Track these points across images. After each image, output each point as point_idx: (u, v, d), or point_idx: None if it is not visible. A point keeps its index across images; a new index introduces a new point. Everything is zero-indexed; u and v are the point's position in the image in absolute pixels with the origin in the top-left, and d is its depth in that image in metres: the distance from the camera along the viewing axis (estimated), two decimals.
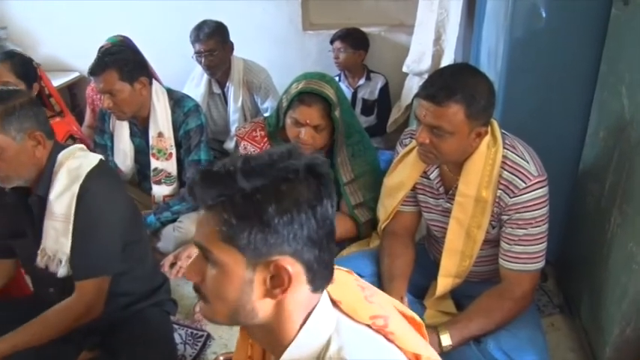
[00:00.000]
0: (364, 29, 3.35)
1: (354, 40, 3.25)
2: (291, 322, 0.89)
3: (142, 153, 2.49)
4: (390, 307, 1.02)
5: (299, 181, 0.83)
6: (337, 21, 3.46)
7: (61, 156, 1.72)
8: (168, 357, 1.86)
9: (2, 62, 2.41)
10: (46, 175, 1.70)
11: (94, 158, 1.76)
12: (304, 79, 2.12)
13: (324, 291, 0.92)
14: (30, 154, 1.66)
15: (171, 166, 2.46)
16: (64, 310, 1.70)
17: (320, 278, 0.88)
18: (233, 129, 3.01)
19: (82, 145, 1.82)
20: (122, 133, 2.49)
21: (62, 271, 1.70)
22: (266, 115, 2.95)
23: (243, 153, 2.25)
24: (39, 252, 1.72)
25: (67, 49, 3.87)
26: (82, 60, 3.79)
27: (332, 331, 0.90)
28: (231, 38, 2.99)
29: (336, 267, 0.93)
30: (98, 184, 1.70)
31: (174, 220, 2.45)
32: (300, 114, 2.07)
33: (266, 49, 3.42)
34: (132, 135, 2.50)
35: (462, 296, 1.85)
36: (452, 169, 1.74)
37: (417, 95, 2.93)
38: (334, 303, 0.94)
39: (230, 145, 3.02)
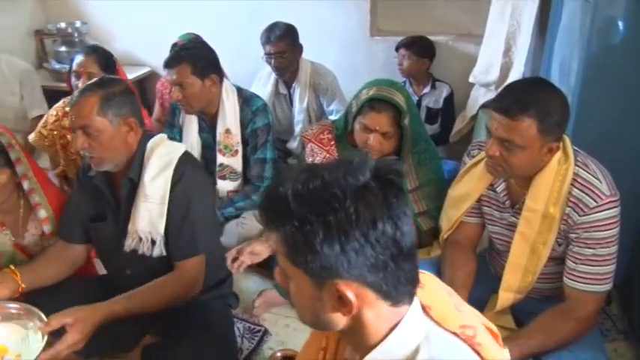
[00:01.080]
0: (431, 37, 3.33)
1: (418, 48, 3.24)
2: (374, 332, 0.90)
3: (208, 148, 2.57)
4: (475, 317, 1.02)
5: (348, 208, 0.82)
6: (405, 28, 3.46)
7: (150, 143, 1.83)
8: (229, 349, 1.91)
9: (89, 55, 2.56)
10: (137, 160, 1.80)
11: (181, 147, 1.89)
12: (375, 85, 2.14)
13: (415, 297, 0.92)
14: (123, 139, 1.77)
15: (236, 163, 2.53)
16: (168, 286, 1.79)
17: (399, 294, 0.88)
18: (297, 129, 3.07)
19: (165, 135, 1.92)
20: (191, 127, 2.58)
21: (157, 251, 1.81)
22: (330, 117, 3.00)
23: (309, 155, 2.29)
24: (128, 234, 1.81)
25: (139, 45, 4.02)
26: (153, 56, 3.97)
27: (421, 338, 0.90)
28: (301, 41, 3.04)
29: (420, 271, 0.93)
30: (190, 169, 1.81)
31: (237, 216, 2.52)
32: (369, 120, 2.09)
33: (333, 52, 3.45)
34: (200, 130, 2.59)
35: (522, 312, 1.83)
36: (520, 183, 1.72)
37: (485, 106, 2.97)
38: (424, 308, 0.94)
39: (293, 145, 3.08)
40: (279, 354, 1.87)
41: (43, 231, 2.07)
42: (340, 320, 0.88)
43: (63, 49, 3.84)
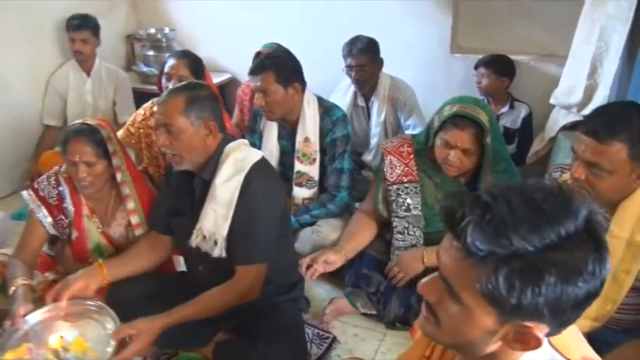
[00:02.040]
0: (512, 57, 3.29)
1: (498, 66, 3.20)
2: (512, 357, 0.87)
3: (287, 155, 2.63)
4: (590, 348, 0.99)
5: (574, 247, 0.76)
6: (486, 46, 3.42)
7: (228, 147, 1.90)
8: (299, 351, 1.95)
9: (180, 59, 2.68)
10: (212, 162, 1.88)
11: (258, 153, 1.93)
12: (459, 102, 2.13)
13: None
14: (201, 141, 1.85)
15: (313, 171, 2.58)
16: (226, 292, 1.85)
17: (556, 332, 0.85)
18: (373, 142, 3.09)
19: (245, 141, 1.98)
20: (271, 134, 2.65)
21: (217, 252, 1.87)
22: (407, 132, 3.01)
23: (388, 167, 2.31)
24: (194, 231, 1.89)
25: (222, 52, 4.16)
26: (235, 63, 4.11)
27: None
28: (381, 55, 3.07)
29: None
30: (261, 177, 1.85)
31: (312, 224, 2.56)
32: (451, 136, 2.09)
33: (413, 68, 3.45)
34: (279, 137, 2.65)
35: (600, 342, 1.76)
36: (603, 208, 1.67)
37: (566, 128, 2.90)
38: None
39: (368, 157, 3.10)
40: None
41: (130, 221, 2.18)
42: (494, 348, 0.85)
43: (151, 53, 4.03)
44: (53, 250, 2.43)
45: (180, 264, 2.35)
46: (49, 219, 2.16)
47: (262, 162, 1.92)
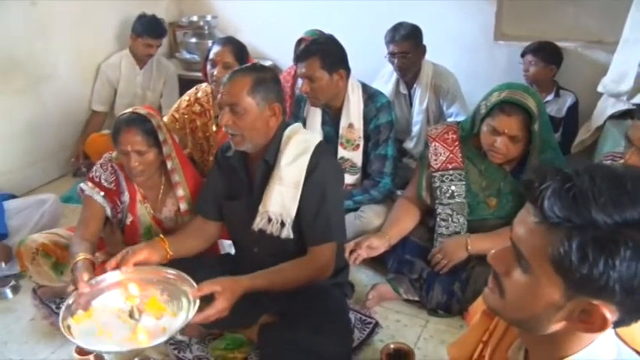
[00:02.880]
0: (559, 44, 3.22)
1: (546, 54, 3.15)
2: (576, 344, 0.85)
3: (330, 141, 2.63)
4: None
5: None
6: (531, 33, 3.37)
7: (288, 130, 1.93)
8: (344, 336, 1.95)
9: (225, 45, 2.70)
10: (274, 145, 1.91)
11: (317, 136, 1.97)
12: (507, 88, 2.11)
13: None
14: (265, 122, 1.88)
15: (357, 157, 2.59)
16: (302, 268, 1.89)
17: (627, 321, 0.81)
18: (415, 130, 3.08)
19: (300, 124, 2.03)
20: (314, 120, 2.66)
21: (285, 233, 1.90)
22: (449, 120, 2.99)
23: (433, 154, 2.30)
24: (258, 214, 1.91)
25: (263, 39, 4.18)
26: (276, 50, 4.12)
27: (613, 357, 0.85)
28: (424, 42, 3.04)
29: None
30: (325, 158, 1.89)
31: (355, 209, 2.57)
32: (498, 122, 2.07)
33: (455, 55, 3.42)
34: (323, 123, 2.66)
35: None
36: None
37: (614, 117, 2.83)
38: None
39: (410, 145, 3.09)
40: (392, 346, 1.90)
41: (179, 208, 2.23)
42: (557, 327, 0.82)
43: (193, 40, 4.08)
44: (103, 232, 2.50)
45: (225, 247, 2.40)
46: (107, 203, 2.22)
47: (323, 144, 1.96)
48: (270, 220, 1.91)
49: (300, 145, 1.89)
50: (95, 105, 3.78)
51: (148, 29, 3.60)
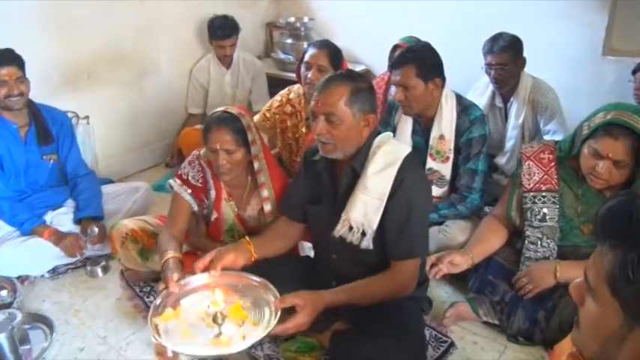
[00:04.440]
0: None
1: None
2: None
3: (419, 151, 2.58)
4: None
5: None
6: None
7: (377, 139, 1.89)
8: (418, 351, 1.91)
9: (321, 49, 2.72)
10: (363, 153, 1.88)
11: (407, 147, 1.93)
12: (615, 109, 1.97)
13: None
14: (358, 133, 1.86)
15: (445, 169, 2.52)
16: (385, 284, 1.87)
17: None
18: (508, 145, 2.96)
19: (391, 134, 1.98)
20: (405, 128, 2.62)
21: (365, 243, 1.87)
22: (545, 137, 2.85)
23: (526, 173, 2.20)
24: (340, 221, 1.89)
25: (358, 43, 4.17)
26: (370, 55, 4.11)
27: None
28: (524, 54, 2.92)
29: None
30: (413, 171, 1.85)
31: (439, 223, 2.50)
32: (602, 145, 1.94)
33: (557, 69, 3.25)
34: (413, 132, 2.61)
35: None
36: None
37: None
38: None
39: (501, 160, 2.97)
40: None
41: (263, 208, 2.25)
42: (630, 357, 0.81)
43: (289, 41, 4.14)
44: (188, 223, 2.58)
45: (305, 249, 2.41)
46: (194, 200, 2.28)
47: (412, 156, 1.91)
48: (351, 228, 1.88)
49: (388, 155, 1.85)
50: (191, 108, 3.98)
51: (215, 32, 3.71)
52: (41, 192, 2.90)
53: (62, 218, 2.86)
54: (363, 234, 1.87)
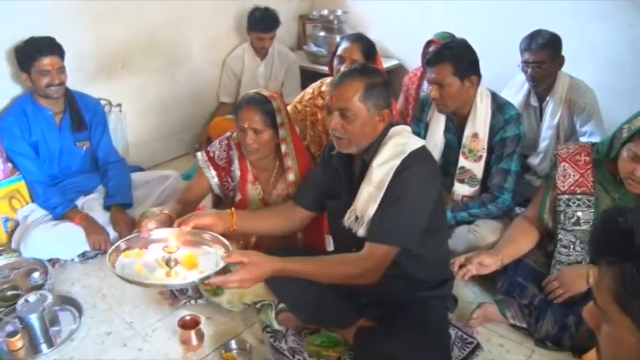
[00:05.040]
0: None
1: None
2: None
3: (451, 149, 2.55)
4: None
5: None
6: None
7: (391, 131, 1.87)
8: (442, 350, 1.89)
9: (355, 42, 2.70)
10: (374, 145, 1.86)
11: (419, 141, 1.88)
12: None
13: None
14: (372, 128, 1.84)
15: (477, 168, 2.48)
16: (346, 262, 1.83)
17: None
18: (542, 146, 2.89)
19: (409, 128, 1.95)
20: (438, 126, 2.58)
21: (362, 231, 1.84)
22: (581, 139, 2.78)
23: (561, 175, 2.15)
24: (348, 211, 1.88)
25: (391, 37, 4.14)
26: (403, 50, 4.07)
27: None
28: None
29: None
30: (418, 164, 1.80)
31: (469, 222, 2.47)
32: None
33: (596, 69, 3.16)
34: (446, 130, 2.58)
35: None
36: None
37: None
38: None
39: (534, 161, 2.91)
40: None
41: (288, 193, 2.26)
42: None
43: (322, 34, 4.12)
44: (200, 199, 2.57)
45: (331, 244, 2.40)
46: (216, 179, 2.32)
47: (422, 150, 1.86)
48: (357, 218, 1.86)
49: (397, 147, 1.82)
50: (222, 97, 3.97)
51: (257, 24, 3.69)
52: (73, 177, 2.96)
53: (93, 204, 2.90)
54: (363, 223, 1.84)
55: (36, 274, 2.52)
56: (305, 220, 2.17)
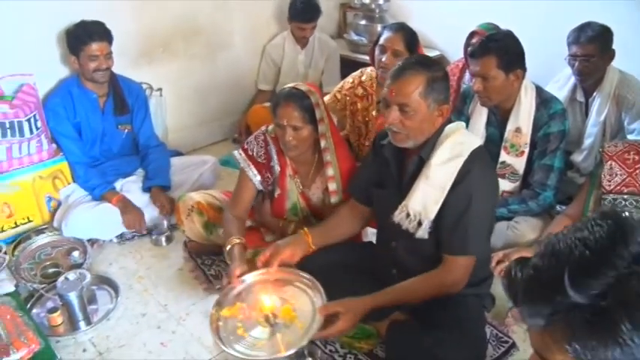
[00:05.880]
0: None
1: None
2: None
3: (492, 143, 2.49)
4: None
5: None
6: None
7: (447, 129, 1.83)
8: (477, 348, 1.85)
9: (397, 32, 2.65)
10: (431, 141, 1.83)
11: (477, 140, 1.86)
12: None
13: None
14: (431, 123, 1.81)
15: (519, 164, 2.42)
16: (431, 281, 1.84)
17: None
18: (587, 142, 2.79)
19: (464, 124, 1.91)
20: (479, 119, 2.52)
21: (421, 233, 1.83)
22: (629, 137, 2.68)
23: (607, 174, 2.08)
24: (399, 207, 1.86)
25: (433, 28, 4.05)
26: (445, 40, 3.99)
27: None
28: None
29: None
30: (480, 166, 1.77)
31: (509, 218, 2.41)
32: None
33: None
34: (488, 123, 2.52)
35: None
36: None
37: None
38: None
39: (578, 158, 2.82)
40: None
41: (327, 187, 2.24)
42: None
43: (363, 22, 4.07)
44: (254, 201, 2.60)
45: (368, 234, 2.38)
46: (258, 177, 2.30)
47: (481, 150, 1.83)
48: (408, 215, 1.84)
49: (455, 146, 1.79)
50: (261, 84, 3.97)
51: (298, 14, 3.66)
52: (114, 160, 3.01)
53: (132, 186, 2.95)
54: (420, 223, 1.83)
55: (76, 253, 2.58)
56: (368, 216, 2.17)
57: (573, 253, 0.70)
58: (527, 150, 2.39)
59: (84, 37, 2.70)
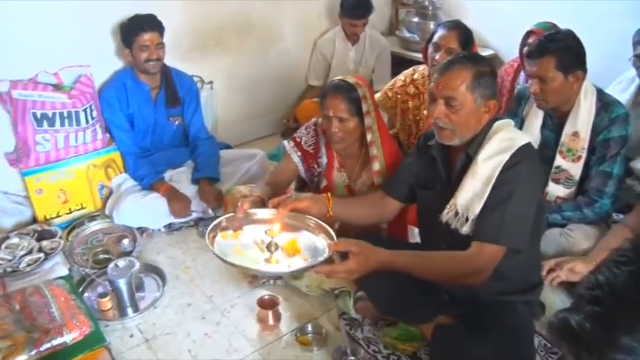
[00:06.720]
0: None
1: None
2: None
3: (547, 147, 2.40)
4: None
5: None
6: None
7: (496, 125, 1.79)
8: (525, 357, 1.80)
9: (452, 30, 2.60)
10: (479, 138, 1.79)
11: (526, 137, 1.79)
12: None
13: None
14: (477, 119, 1.76)
15: (575, 169, 2.33)
16: (456, 260, 1.75)
17: None
18: None
19: (512, 121, 1.86)
20: (534, 122, 2.44)
21: (466, 229, 1.77)
22: None
23: None
24: (448, 206, 1.81)
25: (487, 27, 3.96)
26: (500, 40, 3.90)
27: None
28: None
29: None
30: (526, 161, 1.71)
31: (562, 225, 2.33)
32: None
33: None
34: (543, 126, 2.43)
35: None
36: None
37: None
38: None
39: (638, 165, 2.70)
40: None
41: (373, 182, 2.23)
42: None
43: (415, 19, 4.01)
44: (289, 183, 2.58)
45: (414, 236, 2.34)
46: (303, 164, 2.31)
47: (529, 146, 1.77)
48: (457, 214, 1.79)
49: (503, 142, 1.73)
50: (311, 80, 3.98)
51: (349, 10, 3.64)
52: (164, 151, 3.07)
53: (180, 177, 3.00)
54: (467, 219, 1.77)
55: (126, 241, 2.65)
56: (395, 211, 2.13)
57: None
58: (584, 155, 2.30)
59: (135, 28, 2.76)
